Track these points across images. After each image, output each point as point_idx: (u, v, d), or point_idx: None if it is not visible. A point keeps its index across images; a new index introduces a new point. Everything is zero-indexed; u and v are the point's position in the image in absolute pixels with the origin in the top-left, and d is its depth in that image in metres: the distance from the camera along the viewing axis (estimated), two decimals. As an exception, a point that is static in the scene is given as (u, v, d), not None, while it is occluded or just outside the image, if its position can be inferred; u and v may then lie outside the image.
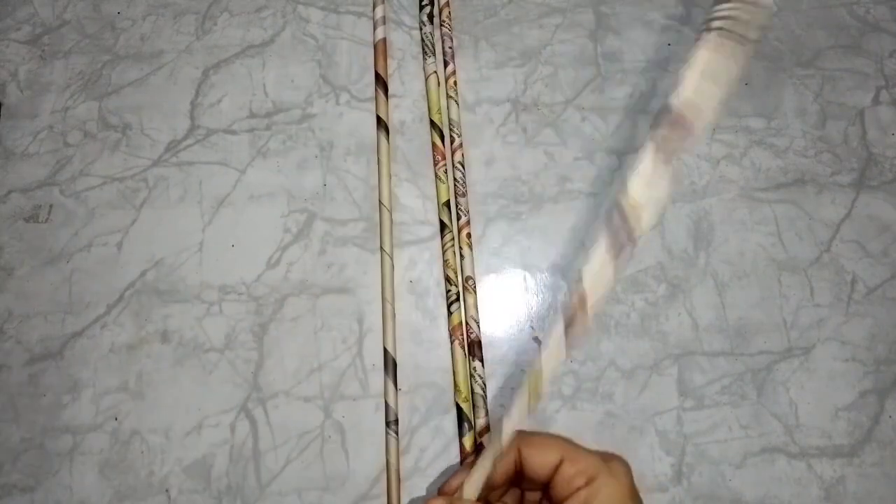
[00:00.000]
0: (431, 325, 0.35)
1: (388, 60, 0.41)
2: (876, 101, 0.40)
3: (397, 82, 0.41)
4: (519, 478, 0.28)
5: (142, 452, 0.33)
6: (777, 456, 0.33)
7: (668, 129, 0.25)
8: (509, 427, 0.25)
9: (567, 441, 0.27)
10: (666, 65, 0.41)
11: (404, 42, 0.42)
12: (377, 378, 0.34)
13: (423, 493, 0.32)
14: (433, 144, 0.39)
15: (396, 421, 0.33)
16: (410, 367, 0.35)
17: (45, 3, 0.44)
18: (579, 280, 0.24)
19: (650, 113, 0.40)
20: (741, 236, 0.37)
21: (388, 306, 0.35)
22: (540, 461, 0.27)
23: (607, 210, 0.25)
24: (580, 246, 0.37)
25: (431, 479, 0.33)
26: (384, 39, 0.41)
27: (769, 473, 0.33)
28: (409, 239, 0.37)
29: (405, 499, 0.32)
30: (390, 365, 0.34)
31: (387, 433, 0.33)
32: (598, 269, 0.24)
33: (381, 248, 0.36)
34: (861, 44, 0.42)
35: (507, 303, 0.36)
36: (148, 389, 0.34)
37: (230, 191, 0.39)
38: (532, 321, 0.36)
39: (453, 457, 0.33)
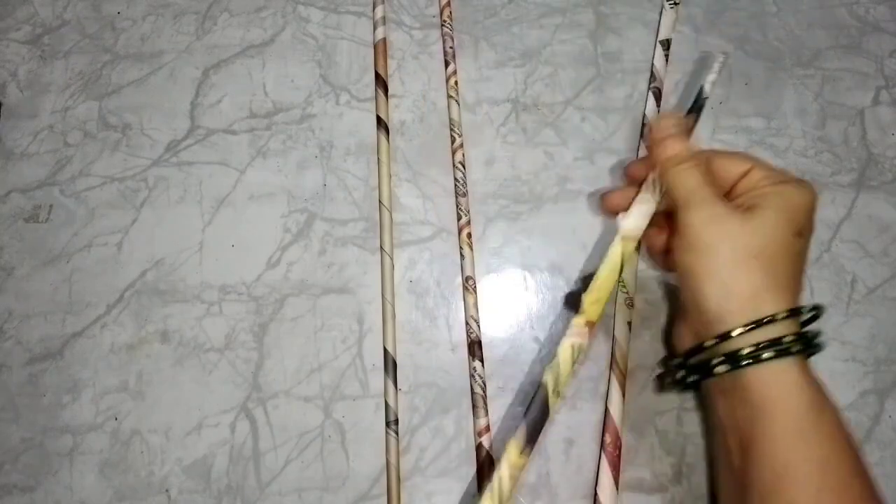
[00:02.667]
0: (431, 325, 0.35)
1: (388, 60, 0.41)
2: (876, 101, 0.40)
3: (397, 82, 0.41)
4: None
5: (142, 452, 0.33)
6: (777, 456, 0.33)
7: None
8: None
9: (757, 158, 0.29)
10: (666, 65, 0.41)
11: (404, 42, 0.42)
12: (377, 378, 0.34)
13: (423, 493, 0.32)
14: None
15: (396, 421, 0.33)
16: (410, 367, 0.35)
17: (45, 3, 0.44)
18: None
19: (648, 113, 0.40)
20: (741, 236, 0.37)
21: (388, 306, 0.35)
22: (728, 165, 0.29)
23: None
24: (580, 246, 0.37)
25: (431, 479, 0.33)
26: (384, 39, 0.41)
27: (769, 473, 0.33)
28: (409, 239, 0.37)
29: (405, 499, 0.32)
30: (390, 365, 0.34)
31: (387, 433, 0.33)
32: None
33: (381, 248, 0.36)
34: (861, 44, 0.42)
35: (507, 303, 0.36)
36: (148, 389, 0.34)
37: (230, 191, 0.39)
38: (532, 321, 0.36)
39: (453, 456, 0.33)
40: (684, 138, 0.29)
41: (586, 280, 0.34)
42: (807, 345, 0.26)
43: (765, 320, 0.25)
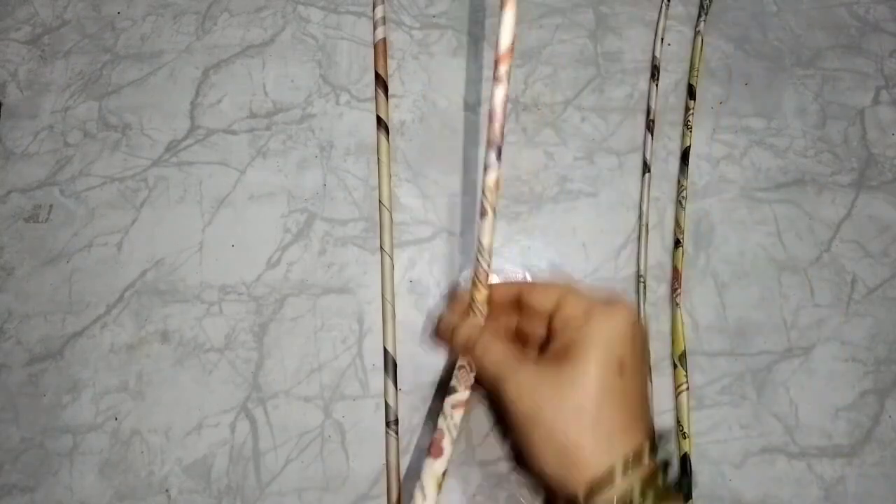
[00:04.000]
0: (432, 325, 0.35)
1: (388, 60, 0.41)
2: (876, 101, 0.40)
3: (397, 82, 0.41)
4: (523, 314, 0.29)
5: (142, 452, 0.33)
6: (777, 456, 0.33)
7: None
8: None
9: (569, 284, 0.28)
10: (666, 65, 0.41)
11: (404, 42, 0.42)
12: (377, 378, 0.34)
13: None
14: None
15: (396, 421, 0.33)
16: (410, 367, 0.35)
17: (45, 3, 0.44)
18: None
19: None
20: (741, 236, 0.37)
21: (388, 306, 0.35)
22: (540, 299, 0.28)
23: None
24: (580, 246, 0.37)
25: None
26: (384, 39, 0.41)
27: (769, 473, 0.33)
28: (409, 239, 0.37)
29: (405, 499, 0.32)
30: (390, 365, 0.34)
31: (387, 433, 0.33)
32: None
33: (382, 248, 0.36)
34: (861, 44, 0.42)
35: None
36: (148, 389, 0.34)
37: (230, 191, 0.39)
38: (532, 321, 0.36)
39: (453, 456, 0.33)
40: (470, 322, 0.28)
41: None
42: (664, 485, 0.24)
43: (609, 475, 0.24)
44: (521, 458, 0.27)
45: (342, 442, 0.33)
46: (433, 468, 0.28)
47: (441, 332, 0.29)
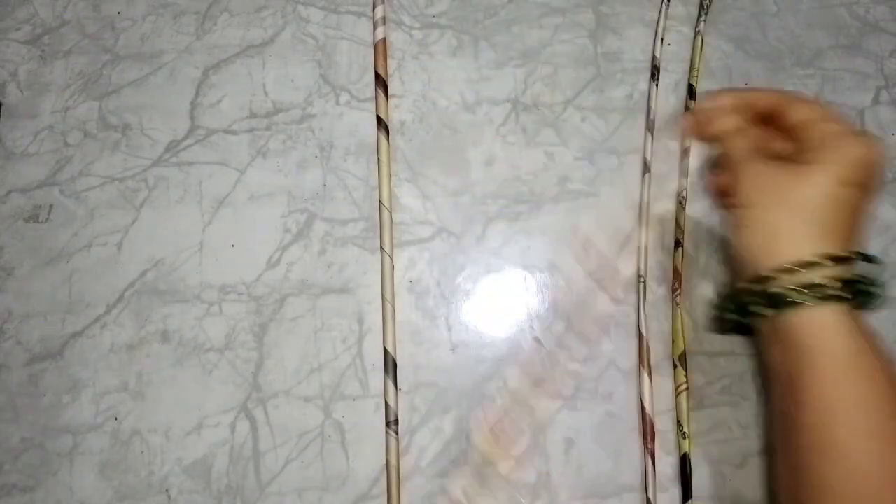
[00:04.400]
0: (431, 325, 0.35)
1: (388, 60, 0.41)
2: (876, 101, 0.40)
3: (397, 82, 0.41)
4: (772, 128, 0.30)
5: (142, 452, 0.33)
6: (777, 456, 0.33)
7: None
8: None
9: (826, 107, 0.29)
10: (666, 65, 0.41)
11: (404, 42, 0.42)
12: (377, 378, 0.34)
13: (423, 493, 0.32)
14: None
15: (396, 421, 0.33)
16: (410, 367, 0.35)
17: (45, 3, 0.44)
18: None
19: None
20: (741, 236, 0.37)
21: (388, 306, 0.35)
22: (797, 113, 0.29)
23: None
24: (580, 246, 0.37)
25: (431, 479, 0.33)
26: (384, 40, 0.41)
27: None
28: (409, 239, 0.37)
29: (405, 499, 0.32)
30: (390, 365, 0.34)
31: (387, 433, 0.33)
32: None
33: (381, 248, 0.36)
34: (861, 44, 0.42)
35: (507, 303, 0.36)
36: (148, 389, 0.34)
37: (230, 191, 0.38)
38: (532, 321, 0.36)
39: (453, 456, 0.33)
40: (732, 113, 0.30)
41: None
42: (854, 292, 0.26)
43: (808, 264, 0.26)
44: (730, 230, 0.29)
45: (342, 442, 0.33)
46: None
47: (700, 110, 0.31)
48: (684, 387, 0.34)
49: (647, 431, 0.33)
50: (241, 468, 0.33)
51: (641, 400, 0.34)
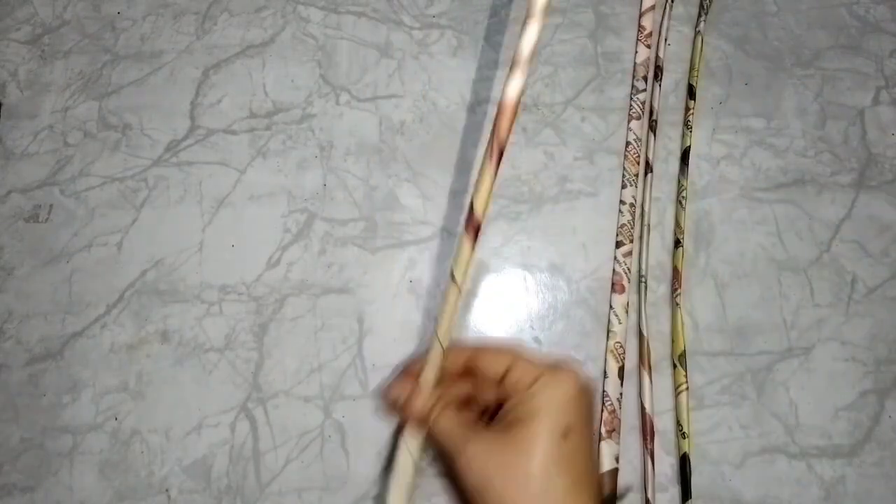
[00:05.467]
0: (431, 325, 0.35)
1: (388, 60, 0.41)
2: (876, 101, 0.40)
3: (397, 82, 0.41)
4: (475, 380, 0.29)
5: (142, 452, 0.33)
6: (777, 456, 0.33)
7: None
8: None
9: (519, 349, 0.28)
10: (666, 65, 0.41)
11: (404, 42, 0.42)
12: (377, 378, 0.34)
13: (423, 493, 0.32)
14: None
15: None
16: (410, 367, 0.35)
17: (45, 3, 0.44)
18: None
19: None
20: (741, 236, 0.37)
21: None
22: (490, 364, 0.28)
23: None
24: (580, 246, 0.37)
25: (432, 479, 0.33)
26: (517, 100, 0.24)
27: (769, 473, 0.33)
28: (409, 239, 0.37)
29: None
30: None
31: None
32: None
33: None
34: (861, 44, 0.42)
35: (507, 303, 0.36)
36: (148, 389, 0.34)
37: (230, 191, 0.38)
38: (532, 321, 0.36)
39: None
40: (417, 393, 0.29)
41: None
42: None
43: None
44: None
45: (342, 442, 0.33)
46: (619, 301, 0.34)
47: (391, 403, 0.29)
48: (684, 387, 0.34)
49: (647, 431, 0.33)
50: (241, 468, 0.33)
51: (641, 400, 0.34)
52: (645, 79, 0.41)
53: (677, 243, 0.37)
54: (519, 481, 0.25)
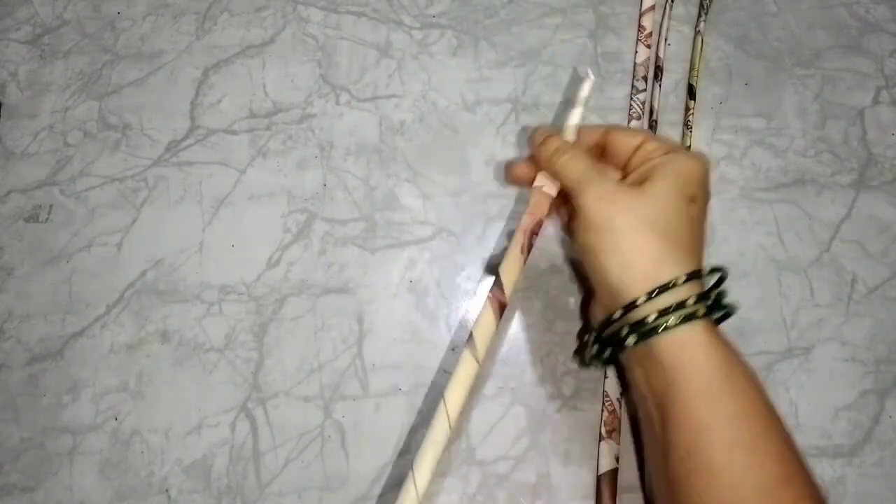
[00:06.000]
0: (431, 325, 0.35)
1: (388, 60, 0.41)
2: (876, 101, 0.40)
3: (397, 82, 0.41)
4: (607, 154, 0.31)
5: (142, 452, 0.33)
6: (777, 456, 0.33)
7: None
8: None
9: (649, 132, 0.31)
10: (666, 65, 0.41)
11: (404, 42, 0.42)
12: (377, 378, 0.34)
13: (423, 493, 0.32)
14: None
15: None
16: (410, 367, 0.35)
17: (45, 3, 0.44)
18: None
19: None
20: (741, 236, 0.37)
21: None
22: (623, 139, 0.30)
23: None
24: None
25: (431, 479, 0.32)
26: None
27: (769, 473, 0.33)
28: (409, 239, 0.37)
29: (406, 500, 0.32)
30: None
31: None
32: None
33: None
34: (861, 44, 0.42)
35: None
36: (148, 389, 0.34)
37: (230, 191, 0.38)
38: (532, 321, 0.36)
39: (453, 456, 0.33)
40: (560, 136, 0.31)
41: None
42: (711, 307, 0.26)
43: (668, 286, 0.26)
44: (583, 269, 0.30)
45: (342, 442, 0.33)
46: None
47: (532, 141, 0.32)
48: (684, 387, 0.34)
49: (647, 431, 0.33)
50: (241, 468, 0.33)
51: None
52: (645, 79, 0.41)
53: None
54: (642, 225, 0.26)
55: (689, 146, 0.39)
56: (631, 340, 0.27)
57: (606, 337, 0.29)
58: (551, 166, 0.30)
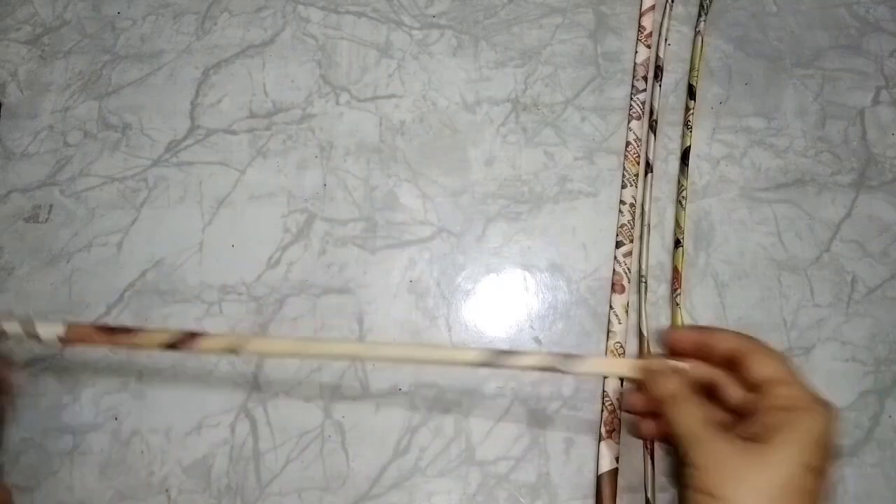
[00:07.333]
0: (431, 325, 0.35)
1: (388, 60, 0.41)
2: (876, 101, 0.40)
3: (397, 82, 0.41)
4: (731, 372, 0.28)
5: (142, 452, 0.33)
6: (777, 456, 0.33)
7: None
8: None
9: (791, 366, 0.27)
10: (666, 65, 0.41)
11: (404, 42, 0.42)
12: (377, 378, 0.34)
13: (423, 492, 0.32)
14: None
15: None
16: (411, 366, 0.35)
17: (45, 3, 0.44)
18: None
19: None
20: (741, 236, 0.37)
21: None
22: (759, 366, 0.27)
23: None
24: (580, 246, 0.37)
25: (431, 479, 0.33)
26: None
27: (769, 473, 0.32)
28: (409, 239, 0.37)
29: (404, 499, 0.32)
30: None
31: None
32: None
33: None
34: (861, 44, 0.42)
35: (507, 303, 0.36)
36: (148, 389, 0.34)
37: (230, 191, 0.38)
38: (532, 321, 0.36)
39: (453, 456, 0.33)
40: (677, 374, 0.28)
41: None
42: None
43: None
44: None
45: (342, 442, 0.33)
46: (618, 302, 0.35)
47: (641, 371, 0.28)
48: (684, 387, 0.34)
49: (647, 431, 0.33)
50: (241, 468, 0.33)
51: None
52: (645, 79, 0.41)
53: (677, 243, 0.37)
54: (758, 497, 0.24)
55: (690, 147, 0.39)
56: None
57: None
58: (664, 409, 0.27)
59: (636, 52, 0.41)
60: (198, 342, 0.28)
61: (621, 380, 0.34)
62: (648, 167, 0.38)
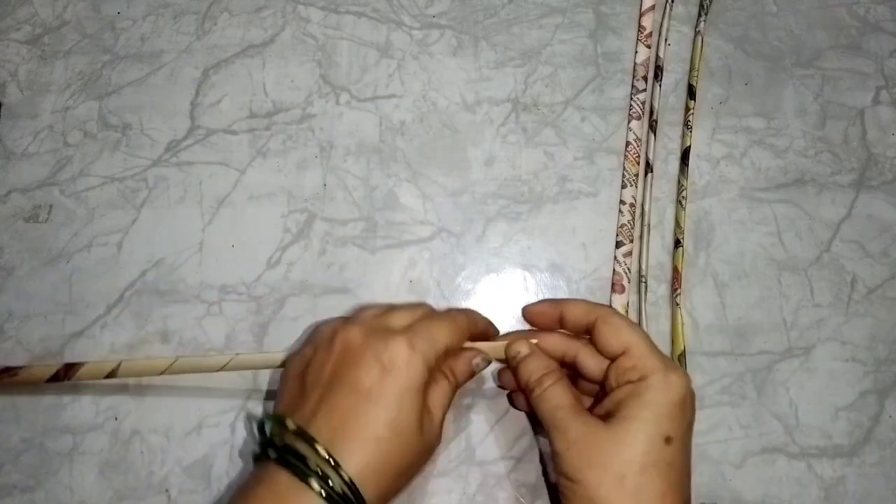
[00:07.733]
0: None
1: (388, 60, 0.41)
2: (876, 101, 0.40)
3: (397, 82, 0.41)
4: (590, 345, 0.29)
5: (142, 452, 0.33)
6: (777, 456, 0.33)
7: None
8: None
9: (640, 335, 0.27)
10: (666, 65, 0.41)
11: (404, 42, 0.42)
12: (377, 378, 0.34)
13: (423, 493, 0.32)
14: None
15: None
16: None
17: (45, 3, 0.44)
18: None
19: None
20: (741, 236, 0.37)
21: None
22: (610, 339, 0.28)
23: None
24: (580, 246, 0.37)
25: (432, 479, 0.32)
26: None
27: (769, 473, 0.33)
28: (409, 239, 0.37)
29: (404, 499, 0.32)
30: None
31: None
32: None
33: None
34: (861, 44, 0.42)
35: (507, 303, 0.36)
36: (148, 389, 0.34)
37: (230, 191, 0.38)
38: (532, 321, 0.36)
39: (453, 456, 0.33)
40: (540, 355, 0.29)
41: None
42: None
43: None
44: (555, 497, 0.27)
45: (342, 442, 0.33)
46: (618, 302, 0.35)
47: (508, 357, 0.29)
48: (684, 387, 0.34)
49: (647, 431, 0.33)
50: (241, 468, 0.33)
51: None
52: (645, 79, 0.41)
53: (677, 243, 0.37)
54: (613, 479, 0.24)
55: (690, 147, 0.39)
56: None
57: None
58: (529, 393, 0.28)
59: (636, 52, 0.41)
60: (75, 371, 0.31)
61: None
62: (648, 167, 0.38)
